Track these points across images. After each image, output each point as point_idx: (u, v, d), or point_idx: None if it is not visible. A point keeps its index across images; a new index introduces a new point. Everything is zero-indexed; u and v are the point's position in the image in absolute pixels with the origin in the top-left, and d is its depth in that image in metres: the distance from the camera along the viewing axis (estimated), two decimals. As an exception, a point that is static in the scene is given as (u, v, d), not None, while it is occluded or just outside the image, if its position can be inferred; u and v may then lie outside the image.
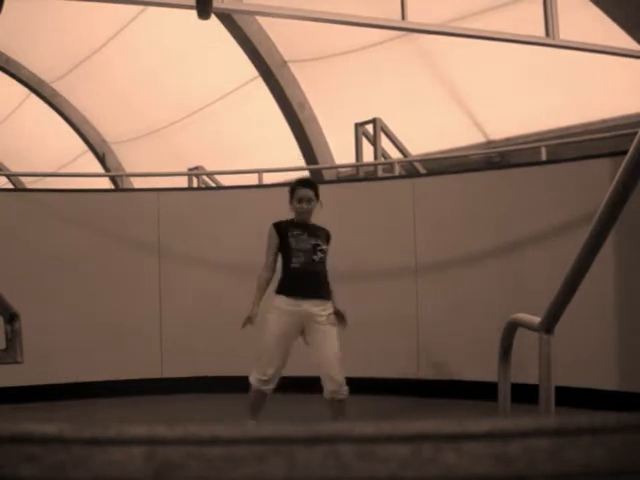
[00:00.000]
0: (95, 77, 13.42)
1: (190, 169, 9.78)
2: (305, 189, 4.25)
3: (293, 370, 4.41)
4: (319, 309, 4.15)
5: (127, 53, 12.49)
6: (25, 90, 14.90)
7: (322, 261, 4.23)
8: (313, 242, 4.22)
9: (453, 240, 6.21)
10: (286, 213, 4.44)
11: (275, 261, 4.31)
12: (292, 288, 4.19)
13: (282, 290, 4.21)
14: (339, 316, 4.19)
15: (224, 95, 12.23)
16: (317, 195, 4.30)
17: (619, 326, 5.43)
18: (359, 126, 7.88)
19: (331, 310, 4.19)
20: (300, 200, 4.23)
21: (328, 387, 4.13)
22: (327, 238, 4.32)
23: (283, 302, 4.17)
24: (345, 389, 4.18)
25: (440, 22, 7.10)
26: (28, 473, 0.54)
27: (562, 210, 5.68)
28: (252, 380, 4.23)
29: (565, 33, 6.13)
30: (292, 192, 4.30)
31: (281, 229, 4.29)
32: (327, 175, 10.69)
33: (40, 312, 6.22)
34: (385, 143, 7.80)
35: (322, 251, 4.22)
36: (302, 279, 4.19)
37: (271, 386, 4.22)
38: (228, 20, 10.52)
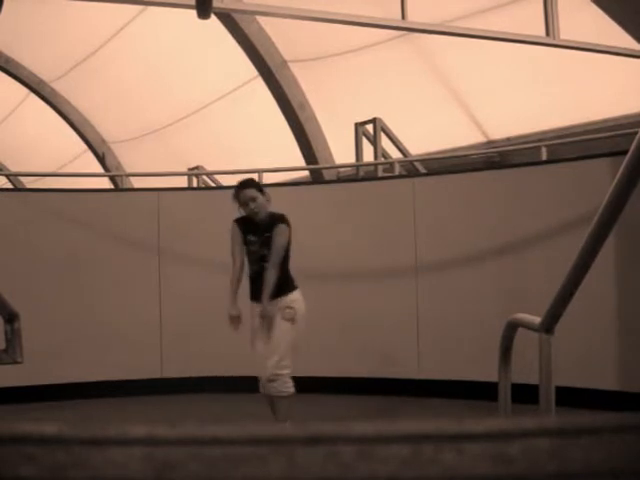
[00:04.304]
0: (95, 77, 13.42)
1: (190, 169, 9.78)
2: (245, 190, 4.21)
3: (293, 370, 4.40)
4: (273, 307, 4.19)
5: (127, 53, 12.48)
6: (25, 90, 14.89)
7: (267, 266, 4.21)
8: (261, 253, 4.22)
9: (453, 240, 6.21)
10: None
11: (242, 254, 4.30)
12: (251, 292, 4.29)
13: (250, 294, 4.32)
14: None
15: (224, 95, 12.22)
16: (261, 190, 4.25)
17: (619, 326, 5.43)
18: (359, 126, 7.88)
19: (287, 304, 4.19)
20: (245, 204, 4.20)
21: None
22: (277, 224, 4.20)
23: (250, 306, 4.29)
24: (272, 386, 4.15)
25: (440, 22, 7.10)
26: (28, 473, 0.54)
27: (562, 210, 5.68)
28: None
29: (565, 33, 6.13)
30: (236, 199, 4.26)
31: (241, 228, 4.29)
32: (327, 175, 10.69)
33: (40, 312, 6.22)
34: (385, 143, 7.80)
35: (266, 259, 4.21)
36: (255, 285, 4.26)
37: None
38: (228, 20, 10.52)
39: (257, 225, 4.22)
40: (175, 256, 6.88)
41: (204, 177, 8.94)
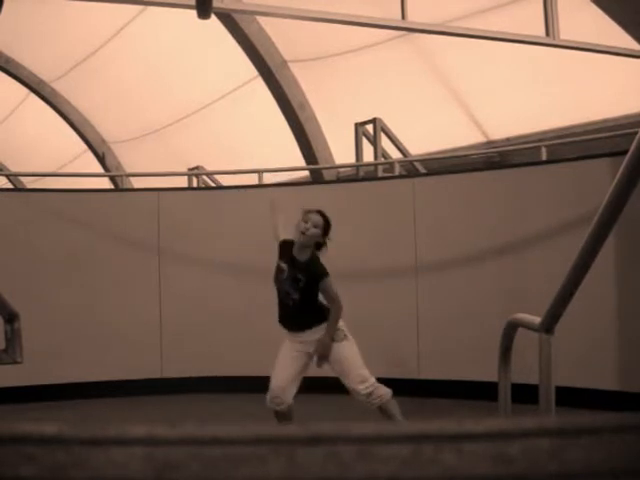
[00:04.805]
0: (95, 77, 13.42)
1: (190, 169, 9.79)
2: (313, 214, 4.12)
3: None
4: (313, 338, 4.10)
5: (127, 53, 12.49)
6: (25, 90, 14.90)
7: (296, 303, 4.09)
8: (284, 288, 4.10)
9: (453, 240, 6.21)
10: (286, 213, 4.45)
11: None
12: (281, 318, 4.21)
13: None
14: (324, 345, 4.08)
15: (224, 95, 12.22)
16: (326, 231, 4.13)
17: (619, 326, 5.43)
18: (359, 126, 7.88)
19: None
20: (303, 220, 4.10)
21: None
22: (312, 277, 4.08)
23: (284, 333, 4.22)
24: (373, 399, 4.25)
25: (440, 22, 7.10)
26: (28, 473, 0.54)
27: (562, 210, 5.68)
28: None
29: (565, 33, 6.13)
30: (303, 214, 4.18)
31: (281, 251, 4.21)
32: (327, 175, 10.69)
33: (40, 312, 6.22)
34: (385, 143, 7.80)
35: (293, 298, 4.08)
36: (284, 315, 4.19)
37: (275, 405, 4.18)
38: (228, 20, 10.52)
39: (293, 259, 4.11)
40: (175, 256, 6.88)
41: (204, 177, 8.95)
